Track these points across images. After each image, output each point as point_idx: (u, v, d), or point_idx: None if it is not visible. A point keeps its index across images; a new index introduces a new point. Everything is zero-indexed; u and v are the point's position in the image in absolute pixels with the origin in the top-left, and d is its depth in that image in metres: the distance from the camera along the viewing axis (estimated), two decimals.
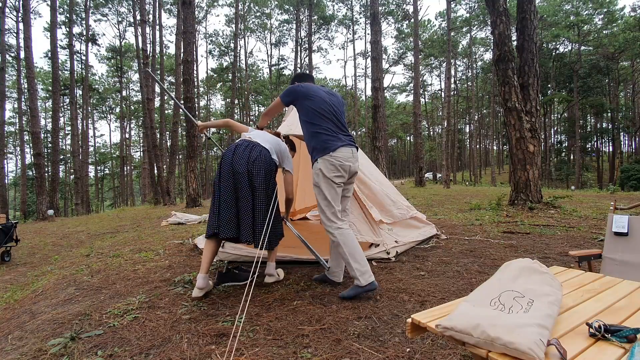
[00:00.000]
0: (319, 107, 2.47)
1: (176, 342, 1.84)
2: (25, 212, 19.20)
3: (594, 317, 1.01)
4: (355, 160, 2.51)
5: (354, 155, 2.51)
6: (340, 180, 2.44)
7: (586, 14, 29.47)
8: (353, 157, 2.49)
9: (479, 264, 3.08)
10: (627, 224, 2.12)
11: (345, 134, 2.54)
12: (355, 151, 2.53)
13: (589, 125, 39.94)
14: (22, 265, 5.15)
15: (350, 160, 2.46)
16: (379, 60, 13.19)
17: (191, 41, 11.35)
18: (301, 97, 2.52)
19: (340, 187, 2.46)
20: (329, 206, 2.41)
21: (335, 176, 2.41)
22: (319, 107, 2.47)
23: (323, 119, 2.46)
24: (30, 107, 13.55)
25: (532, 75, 6.61)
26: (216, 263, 3.33)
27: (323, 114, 2.47)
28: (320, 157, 2.43)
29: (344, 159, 2.42)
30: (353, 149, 2.51)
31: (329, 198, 2.40)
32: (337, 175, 2.42)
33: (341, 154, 2.41)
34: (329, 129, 2.45)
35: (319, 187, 2.43)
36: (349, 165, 2.45)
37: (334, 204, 2.41)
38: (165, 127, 23.06)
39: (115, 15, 28.31)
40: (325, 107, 2.48)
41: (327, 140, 2.43)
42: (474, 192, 12.68)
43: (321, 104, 2.48)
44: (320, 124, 2.46)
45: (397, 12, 31.54)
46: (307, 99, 2.50)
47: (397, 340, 1.78)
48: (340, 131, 2.51)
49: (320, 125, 2.45)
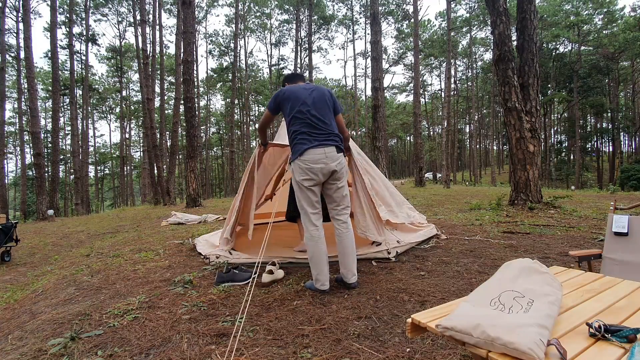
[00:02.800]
0: (295, 109, 2.50)
1: (176, 342, 1.84)
2: (25, 212, 19.22)
3: (594, 317, 1.01)
4: (330, 160, 2.45)
5: (328, 155, 2.44)
6: (310, 184, 2.46)
7: (586, 14, 29.47)
8: (326, 158, 2.44)
9: (479, 264, 3.08)
10: (627, 224, 2.12)
11: (323, 132, 2.49)
12: (330, 150, 2.46)
13: (589, 125, 39.93)
14: (22, 265, 5.15)
15: (321, 161, 2.42)
16: (379, 60, 13.18)
17: (191, 41, 11.35)
18: (281, 100, 2.57)
19: (310, 190, 2.47)
20: (302, 209, 2.51)
21: (303, 179, 2.45)
22: (295, 109, 2.50)
23: (297, 121, 2.49)
24: (30, 107, 13.55)
25: (532, 75, 6.60)
26: (216, 263, 3.33)
27: (298, 115, 2.49)
28: (292, 161, 2.51)
29: (312, 162, 2.42)
30: (327, 148, 2.45)
31: (302, 202, 2.49)
32: (305, 178, 2.44)
33: (309, 156, 2.42)
34: (300, 131, 2.48)
35: (295, 190, 2.55)
36: (319, 167, 2.42)
37: (308, 207, 2.48)
38: (165, 127, 23.03)
39: (115, 15, 28.32)
40: (302, 108, 2.49)
41: (298, 144, 2.47)
42: (474, 192, 12.67)
43: (297, 104, 2.50)
44: (294, 127, 2.51)
45: (397, 12, 31.52)
46: (286, 102, 2.54)
47: (397, 340, 1.78)
48: (316, 130, 2.47)
49: (294, 129, 2.51)
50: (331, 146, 2.48)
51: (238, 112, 35.48)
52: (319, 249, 2.45)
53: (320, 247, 2.46)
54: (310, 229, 2.47)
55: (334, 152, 2.47)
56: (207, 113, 38.73)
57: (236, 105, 32.12)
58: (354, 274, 2.54)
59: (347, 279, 2.53)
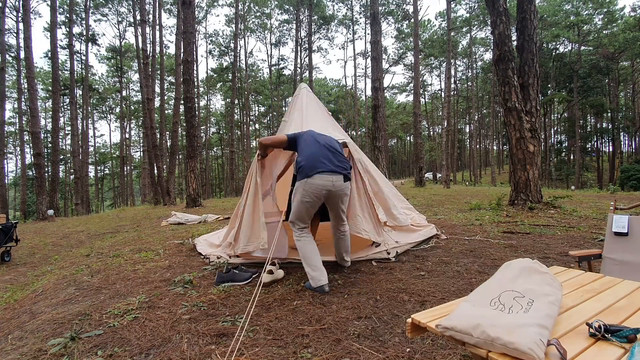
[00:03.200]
0: (309, 140, 2.83)
1: (176, 342, 1.84)
2: (25, 212, 19.21)
3: (594, 317, 1.01)
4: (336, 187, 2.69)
5: (335, 183, 2.66)
6: (310, 204, 2.69)
7: (586, 14, 29.43)
8: (333, 185, 2.67)
9: (479, 264, 3.08)
10: (627, 224, 2.12)
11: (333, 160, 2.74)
12: (337, 179, 2.67)
13: (589, 125, 39.91)
14: (22, 265, 5.15)
15: (327, 187, 2.67)
16: (379, 60, 13.18)
17: (191, 41, 11.35)
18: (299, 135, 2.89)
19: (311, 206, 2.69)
20: (294, 220, 2.73)
21: (305, 200, 2.67)
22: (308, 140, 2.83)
23: (308, 148, 2.75)
24: (30, 107, 13.54)
25: (532, 75, 6.60)
26: (216, 263, 3.33)
27: (310, 142, 2.80)
28: (299, 180, 2.75)
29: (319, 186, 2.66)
30: (335, 176, 2.66)
31: (298, 214, 2.71)
32: (307, 200, 2.67)
33: (316, 181, 2.63)
34: (311, 156, 2.76)
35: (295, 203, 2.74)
36: (324, 192, 2.67)
37: (299, 221, 2.72)
38: (165, 127, 23.02)
39: (115, 15, 28.30)
40: (317, 138, 2.85)
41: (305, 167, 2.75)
42: (474, 192, 12.67)
43: (310, 136, 2.85)
44: (306, 153, 2.79)
45: (397, 12, 31.49)
46: (300, 137, 2.87)
47: (397, 340, 1.78)
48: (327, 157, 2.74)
49: (306, 154, 2.78)
50: (339, 174, 2.67)
51: (238, 112, 35.47)
52: (309, 247, 2.63)
53: (309, 245, 2.64)
54: (299, 235, 2.70)
55: (341, 181, 2.67)
56: (207, 113, 38.71)
57: (236, 105, 32.11)
58: (347, 261, 2.99)
59: (343, 264, 2.99)
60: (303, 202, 2.62)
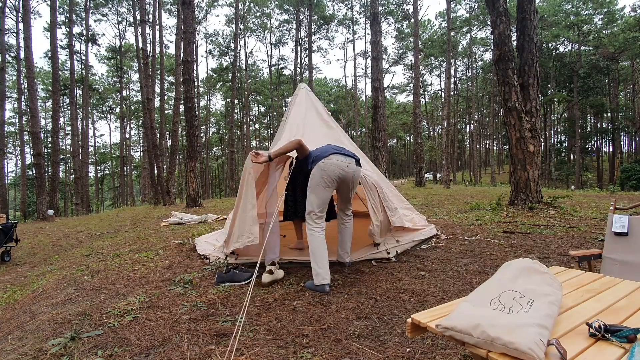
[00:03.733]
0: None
1: (176, 342, 1.84)
2: (25, 212, 19.20)
3: (594, 317, 1.01)
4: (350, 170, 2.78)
5: (349, 165, 2.76)
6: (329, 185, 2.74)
7: (586, 14, 29.42)
8: (347, 167, 2.76)
9: (479, 264, 3.08)
10: (627, 224, 2.12)
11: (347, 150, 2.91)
12: (350, 161, 2.77)
13: (589, 125, 39.90)
14: (22, 265, 5.15)
15: (342, 168, 2.76)
16: (379, 60, 13.18)
17: (191, 41, 11.35)
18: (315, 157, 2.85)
19: (328, 190, 2.74)
20: (312, 209, 2.72)
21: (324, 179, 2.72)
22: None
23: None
24: (30, 107, 13.54)
25: (532, 75, 6.60)
26: (216, 263, 3.33)
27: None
28: (316, 163, 2.78)
29: (334, 166, 2.73)
30: (349, 159, 2.77)
31: (315, 201, 2.72)
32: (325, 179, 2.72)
33: (332, 160, 2.71)
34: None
35: (313, 189, 2.76)
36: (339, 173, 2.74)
37: (317, 208, 2.71)
38: (165, 127, 23.02)
39: (115, 15, 28.27)
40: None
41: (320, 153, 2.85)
42: (474, 192, 12.67)
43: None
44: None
45: (397, 12, 31.47)
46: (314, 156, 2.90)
47: (397, 340, 1.78)
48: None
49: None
50: (352, 158, 2.79)
51: (238, 112, 35.47)
52: (321, 245, 2.62)
53: (322, 242, 2.64)
54: (314, 228, 2.67)
55: (353, 164, 2.78)
56: (207, 113, 38.70)
57: (236, 105, 32.11)
58: (348, 254, 3.02)
59: (343, 259, 2.99)
60: (319, 185, 2.66)
